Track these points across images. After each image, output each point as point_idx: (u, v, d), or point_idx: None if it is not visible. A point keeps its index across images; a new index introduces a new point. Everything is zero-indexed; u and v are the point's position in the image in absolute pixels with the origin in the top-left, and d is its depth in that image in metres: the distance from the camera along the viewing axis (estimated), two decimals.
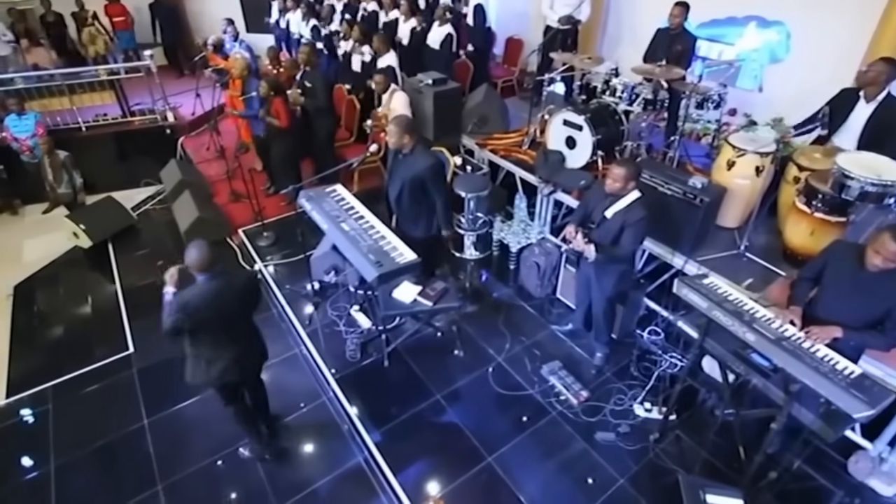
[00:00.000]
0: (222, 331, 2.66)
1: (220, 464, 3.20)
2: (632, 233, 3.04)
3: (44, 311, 4.82)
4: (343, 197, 3.83)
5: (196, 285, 2.54)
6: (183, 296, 2.49)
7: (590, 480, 2.99)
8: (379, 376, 3.63)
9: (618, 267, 3.28)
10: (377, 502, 2.97)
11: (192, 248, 2.53)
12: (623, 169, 3.01)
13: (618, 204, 3.09)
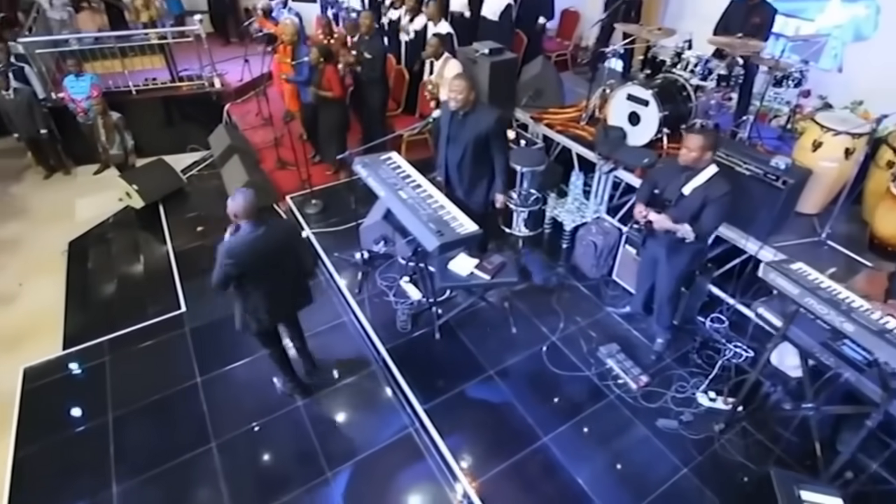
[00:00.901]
0: (266, 277, 2.72)
1: (272, 426, 3.20)
2: (715, 209, 2.84)
3: (97, 267, 4.91)
4: (399, 164, 3.73)
5: (241, 233, 2.60)
6: (229, 243, 2.56)
7: (651, 467, 2.86)
8: (430, 348, 3.56)
9: (692, 246, 3.08)
10: (428, 473, 2.93)
11: (237, 196, 2.58)
12: (700, 138, 2.80)
13: (696, 179, 2.89)
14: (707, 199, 2.84)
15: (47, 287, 4.97)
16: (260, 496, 2.84)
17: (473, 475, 2.82)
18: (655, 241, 3.19)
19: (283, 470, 2.98)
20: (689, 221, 2.88)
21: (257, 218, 2.61)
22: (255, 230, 2.60)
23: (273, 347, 3.14)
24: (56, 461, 3.05)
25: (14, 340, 4.42)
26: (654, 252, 3.28)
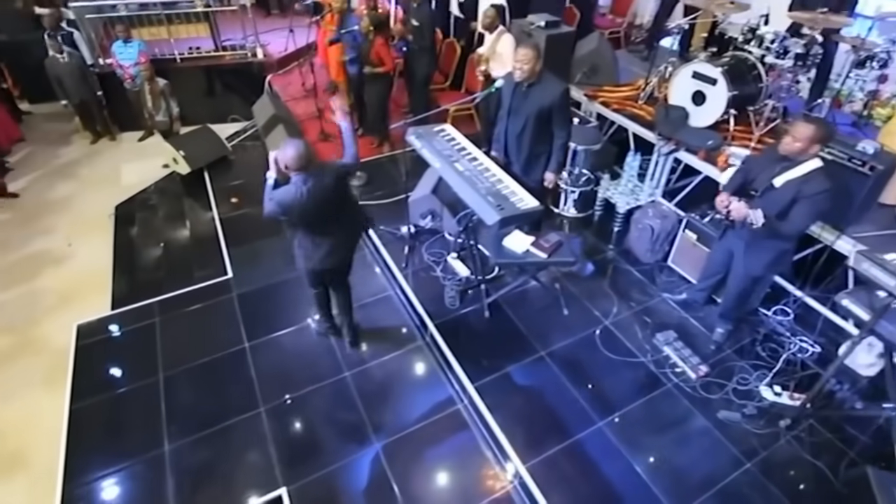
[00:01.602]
0: (319, 225, 2.79)
1: (319, 394, 3.18)
2: (807, 207, 2.60)
3: (143, 231, 4.96)
4: (453, 136, 3.62)
5: (293, 186, 2.59)
6: (281, 196, 2.59)
7: (713, 459, 2.74)
8: (479, 326, 3.48)
9: (777, 245, 2.86)
10: (476, 450, 2.87)
11: (288, 147, 2.55)
12: (811, 128, 2.56)
13: (793, 171, 2.67)
14: (800, 195, 2.61)
15: (95, 248, 5.05)
16: (308, 462, 2.83)
17: (525, 455, 2.74)
18: (735, 234, 3.00)
19: (331, 438, 2.96)
20: (775, 215, 2.65)
21: (307, 170, 2.59)
22: (305, 182, 2.58)
23: (319, 288, 3.23)
24: (109, 416, 3.10)
25: (64, 298, 4.52)
26: (732, 245, 3.08)
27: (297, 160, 2.54)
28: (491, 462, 2.85)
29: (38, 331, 4.23)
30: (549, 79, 3.26)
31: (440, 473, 2.79)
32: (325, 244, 2.85)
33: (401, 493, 2.70)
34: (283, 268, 4.14)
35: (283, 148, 2.59)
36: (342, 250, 2.98)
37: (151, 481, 2.76)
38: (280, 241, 4.43)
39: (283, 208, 2.61)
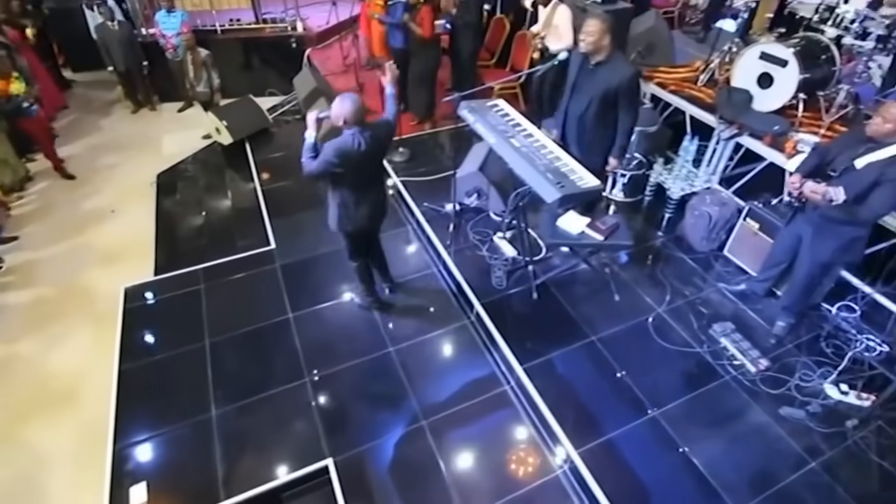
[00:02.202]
0: (366, 178, 2.86)
1: (364, 368, 3.15)
2: (889, 191, 2.43)
3: (185, 199, 4.99)
4: (507, 112, 3.49)
5: (349, 136, 2.62)
6: (338, 144, 2.60)
7: (775, 456, 2.62)
8: (527, 308, 3.38)
9: (849, 231, 2.70)
10: (524, 432, 2.81)
11: (345, 101, 2.60)
12: None
13: (878, 153, 2.48)
14: (883, 178, 2.44)
15: (137, 215, 5.11)
16: (354, 434, 2.81)
17: (577, 441, 2.66)
18: (804, 219, 2.83)
19: (376, 412, 2.92)
20: (851, 200, 2.49)
21: (363, 124, 2.64)
22: (362, 133, 2.63)
23: (361, 257, 3.23)
24: (157, 378, 3.12)
25: (108, 260, 4.59)
26: (800, 230, 2.92)
27: (356, 113, 2.60)
28: (539, 446, 2.78)
29: (84, 288, 4.32)
30: (620, 60, 3.10)
31: (487, 454, 2.74)
32: (367, 201, 2.88)
33: (447, 472, 2.65)
34: (324, 241, 4.10)
35: (340, 102, 2.60)
36: (381, 208, 3.05)
37: (199, 444, 2.77)
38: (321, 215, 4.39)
39: (341, 158, 2.60)
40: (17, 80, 4.81)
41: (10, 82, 4.73)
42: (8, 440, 3.26)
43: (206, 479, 2.62)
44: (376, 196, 2.96)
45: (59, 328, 3.97)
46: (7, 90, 4.71)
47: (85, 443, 3.24)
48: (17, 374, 3.64)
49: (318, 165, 2.65)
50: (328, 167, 2.63)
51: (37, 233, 4.95)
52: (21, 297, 4.28)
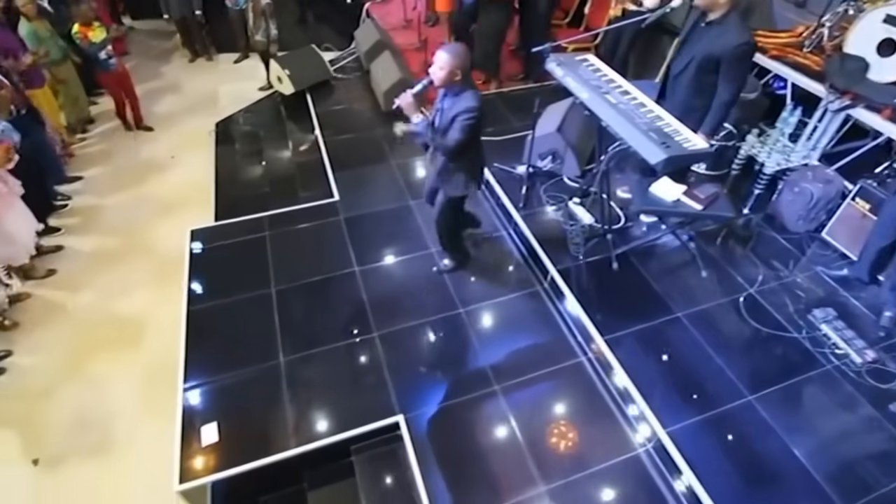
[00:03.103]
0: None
1: (435, 327, 3.03)
2: None
3: (245, 149, 4.92)
4: (599, 67, 3.22)
5: (469, 92, 2.48)
6: (474, 96, 2.46)
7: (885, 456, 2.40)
8: (607, 278, 3.18)
9: None
10: (603, 407, 2.66)
11: (458, 51, 2.44)
12: None
13: None
14: None
15: (197, 162, 5.08)
16: (425, 393, 2.71)
17: (665, 420, 2.49)
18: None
19: (448, 373, 2.82)
20: None
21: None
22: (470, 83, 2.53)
23: (462, 215, 3.15)
24: (225, 322, 3.08)
25: (168, 206, 4.59)
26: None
27: (466, 63, 2.45)
28: (618, 421, 2.62)
29: (146, 234, 4.33)
30: (734, 24, 2.77)
31: (562, 426, 2.60)
32: (482, 157, 2.81)
33: (523, 440, 2.53)
34: (389, 198, 3.97)
35: (452, 54, 2.41)
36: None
37: (268, 390, 2.72)
38: (384, 171, 4.26)
39: (480, 110, 2.46)
40: (98, 28, 4.79)
41: (91, 29, 4.72)
42: (77, 377, 3.32)
43: (277, 425, 2.57)
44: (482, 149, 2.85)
45: (123, 270, 4.00)
46: (88, 37, 4.71)
47: (148, 382, 3.27)
48: (83, 313, 3.69)
49: (462, 132, 2.46)
50: (473, 129, 2.47)
51: (99, 175, 4.99)
52: (85, 236, 4.33)
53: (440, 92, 2.61)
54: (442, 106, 2.58)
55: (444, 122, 2.55)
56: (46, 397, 3.21)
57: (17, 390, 3.25)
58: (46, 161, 4.48)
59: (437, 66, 2.43)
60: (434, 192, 3.00)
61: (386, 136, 4.63)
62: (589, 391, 2.76)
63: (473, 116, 2.44)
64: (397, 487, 2.48)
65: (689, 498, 2.30)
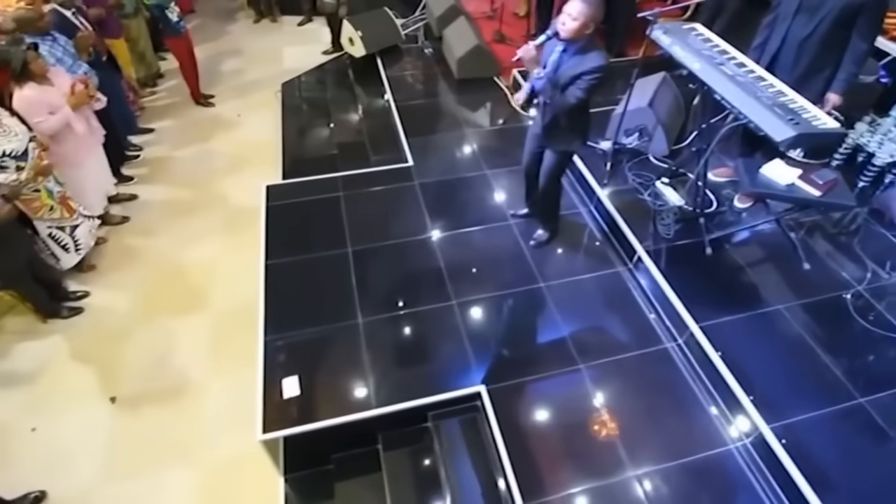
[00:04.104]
0: None
1: (514, 299, 2.94)
2: None
3: (313, 110, 4.88)
4: (709, 38, 2.99)
5: (595, 50, 2.34)
6: (600, 59, 2.33)
7: None
8: (699, 263, 3.00)
9: None
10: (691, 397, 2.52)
11: (596, 1, 2.27)
12: None
13: None
14: None
15: (262, 121, 5.08)
16: (506, 366, 2.62)
17: (767, 415, 2.33)
18: None
19: (530, 347, 2.73)
20: None
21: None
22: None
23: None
24: (302, 278, 3.04)
25: (236, 162, 4.60)
26: None
27: (602, 9, 2.30)
28: (708, 413, 2.48)
29: (215, 187, 4.36)
30: None
31: (649, 412, 2.48)
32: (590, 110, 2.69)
33: (609, 420, 2.42)
34: (463, 165, 3.86)
35: (588, 4, 2.24)
36: None
37: (347, 349, 2.68)
38: (458, 139, 4.13)
39: (607, 72, 2.34)
40: None
41: None
42: (151, 321, 3.37)
43: (356, 384, 2.54)
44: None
45: (192, 221, 4.03)
46: None
47: (219, 331, 3.30)
48: (156, 261, 3.74)
49: (586, 92, 2.36)
50: (596, 90, 2.37)
51: (168, 129, 5.03)
52: (157, 187, 4.38)
53: (551, 48, 2.46)
54: (560, 62, 2.42)
55: (563, 79, 2.40)
56: (122, 339, 3.28)
57: (95, 330, 3.33)
58: (121, 109, 4.52)
59: (568, 15, 2.27)
60: (537, 156, 2.88)
61: (459, 102, 4.50)
62: (676, 379, 2.62)
63: (600, 77, 2.32)
64: (476, 456, 2.41)
65: (790, 497, 2.16)
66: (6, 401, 2.96)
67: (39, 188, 3.17)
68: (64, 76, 3.41)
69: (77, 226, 3.44)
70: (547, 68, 2.47)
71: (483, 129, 4.21)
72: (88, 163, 3.65)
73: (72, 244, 3.41)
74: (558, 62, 2.46)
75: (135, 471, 2.70)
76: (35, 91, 3.16)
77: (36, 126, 3.16)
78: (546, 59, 2.53)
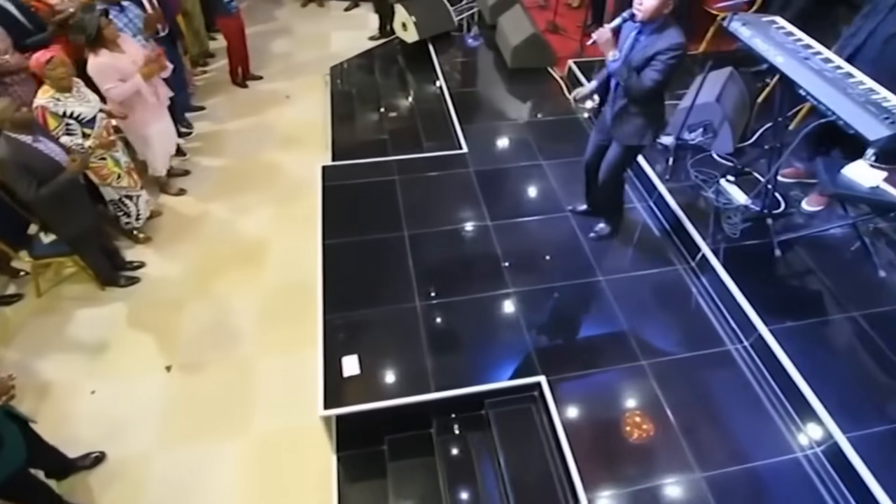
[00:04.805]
0: None
1: (574, 291, 2.89)
2: None
3: (363, 94, 4.87)
4: (791, 31, 2.87)
5: (673, 28, 2.27)
6: (680, 38, 2.26)
7: None
8: (767, 265, 2.91)
9: None
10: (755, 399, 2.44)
11: None
12: None
13: None
14: None
15: (310, 103, 5.10)
16: (567, 357, 2.58)
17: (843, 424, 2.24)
18: None
19: (591, 341, 2.68)
20: None
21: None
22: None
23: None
24: (361, 258, 3.05)
25: (286, 141, 4.64)
26: None
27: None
28: (774, 419, 2.40)
29: (266, 164, 4.42)
30: None
31: (712, 412, 2.41)
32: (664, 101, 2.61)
33: (675, 420, 2.36)
34: (519, 154, 3.81)
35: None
36: None
37: (406, 331, 2.68)
38: (513, 128, 4.08)
39: (685, 50, 2.27)
40: None
41: None
42: (204, 292, 3.43)
43: (415, 366, 2.53)
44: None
45: (244, 197, 4.08)
46: None
47: (271, 305, 3.33)
48: (209, 234, 3.80)
49: (662, 73, 2.27)
50: (674, 70, 2.28)
51: (219, 106, 5.09)
52: (210, 162, 4.44)
53: (627, 32, 2.40)
54: (635, 43, 2.36)
55: (637, 61, 2.34)
56: (177, 308, 3.34)
57: (151, 299, 3.39)
58: (178, 84, 4.59)
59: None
60: (601, 149, 2.81)
61: (513, 92, 4.45)
62: (740, 381, 2.54)
63: (679, 55, 2.24)
64: (533, 445, 2.38)
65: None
66: (68, 363, 3.05)
67: (105, 157, 3.23)
68: (133, 44, 3.46)
69: (139, 196, 3.52)
70: (622, 51, 2.42)
71: (537, 119, 4.15)
72: (157, 127, 3.72)
73: (135, 212, 3.50)
74: (633, 43, 2.40)
75: (189, 438, 2.75)
76: (108, 58, 3.22)
77: (107, 92, 3.23)
78: (622, 44, 2.47)
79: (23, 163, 2.63)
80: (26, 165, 2.64)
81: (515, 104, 4.32)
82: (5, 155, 2.62)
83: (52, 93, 2.94)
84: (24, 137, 2.67)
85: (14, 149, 2.63)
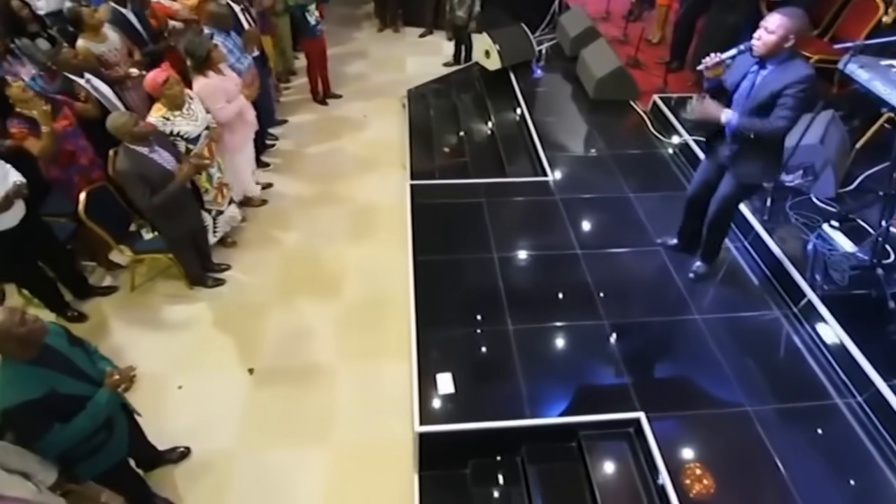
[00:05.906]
0: None
1: (668, 327, 2.80)
2: None
3: (442, 117, 4.97)
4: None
5: (804, 59, 2.29)
6: (806, 67, 2.20)
7: None
8: (879, 317, 2.75)
9: None
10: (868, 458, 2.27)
11: (796, 12, 2.17)
12: None
13: None
14: None
15: (388, 125, 5.24)
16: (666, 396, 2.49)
17: None
18: None
19: (691, 381, 2.57)
20: None
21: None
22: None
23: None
24: (450, 277, 3.06)
25: (363, 162, 4.76)
26: None
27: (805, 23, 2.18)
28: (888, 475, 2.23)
29: (344, 182, 4.52)
30: None
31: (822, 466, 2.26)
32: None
33: (784, 467, 2.23)
34: (605, 185, 3.78)
35: (791, 16, 2.15)
36: None
37: (499, 354, 2.65)
38: (597, 159, 4.07)
39: (814, 83, 2.21)
40: None
41: None
42: (285, 302, 3.48)
43: (508, 390, 2.49)
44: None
45: (324, 213, 4.18)
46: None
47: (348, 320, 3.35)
48: (290, 245, 3.90)
49: (794, 109, 2.20)
50: (805, 104, 2.22)
51: (299, 124, 5.30)
52: (291, 178, 4.58)
53: (742, 68, 2.36)
54: (756, 79, 2.32)
55: (762, 98, 2.29)
56: (260, 314, 3.40)
57: (236, 302, 3.48)
58: (267, 101, 4.81)
59: (764, 29, 2.19)
60: (709, 186, 2.74)
61: (595, 123, 4.46)
62: (851, 437, 2.38)
63: (807, 89, 2.17)
64: (627, 482, 2.28)
65: None
66: (159, 356, 3.13)
67: (200, 171, 3.36)
68: (228, 69, 3.62)
69: (221, 212, 3.60)
70: (737, 98, 2.38)
71: (621, 151, 4.13)
72: (247, 148, 3.88)
73: (212, 226, 3.57)
74: (754, 80, 2.35)
75: (271, 442, 2.76)
76: (216, 79, 3.40)
77: (216, 113, 3.38)
78: (734, 80, 2.43)
79: (141, 173, 2.77)
80: (143, 176, 2.78)
81: (598, 135, 4.32)
82: (126, 166, 2.77)
83: (164, 111, 3.10)
84: (142, 149, 2.81)
85: (133, 160, 2.78)
